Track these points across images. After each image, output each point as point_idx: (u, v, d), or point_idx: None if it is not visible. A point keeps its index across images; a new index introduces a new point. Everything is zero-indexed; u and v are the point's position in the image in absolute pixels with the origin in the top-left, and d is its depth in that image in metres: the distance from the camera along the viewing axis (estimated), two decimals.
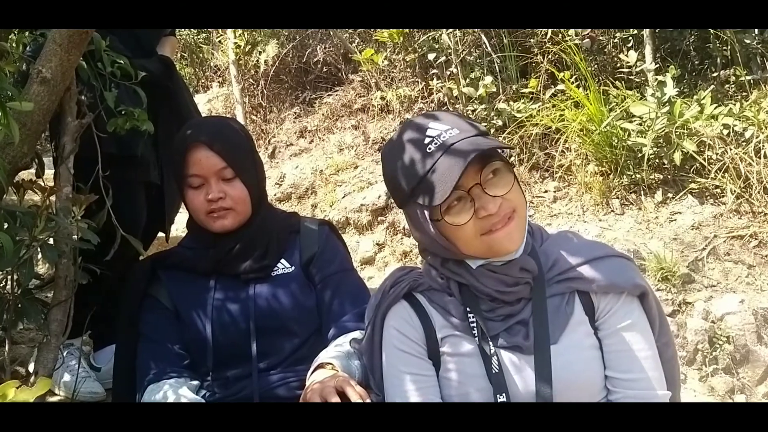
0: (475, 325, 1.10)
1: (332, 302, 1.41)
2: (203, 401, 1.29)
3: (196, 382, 1.35)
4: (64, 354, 1.76)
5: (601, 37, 3.54)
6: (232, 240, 1.41)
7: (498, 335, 1.09)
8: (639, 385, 1.07)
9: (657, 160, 2.99)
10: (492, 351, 1.08)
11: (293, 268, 1.44)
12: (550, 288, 1.12)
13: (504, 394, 1.05)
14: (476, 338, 1.10)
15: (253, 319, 1.36)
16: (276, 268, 1.42)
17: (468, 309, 1.11)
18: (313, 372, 1.22)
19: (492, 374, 1.07)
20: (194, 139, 1.41)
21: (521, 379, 1.08)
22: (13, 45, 1.52)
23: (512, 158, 3.31)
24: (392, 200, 3.70)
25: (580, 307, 1.11)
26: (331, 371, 1.19)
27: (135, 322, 1.41)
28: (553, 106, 3.34)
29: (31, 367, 1.44)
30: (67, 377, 1.82)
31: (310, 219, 1.58)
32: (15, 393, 0.75)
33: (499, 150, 1.11)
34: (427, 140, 1.06)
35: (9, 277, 1.29)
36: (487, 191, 1.05)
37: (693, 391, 2.29)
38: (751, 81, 3.11)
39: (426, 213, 1.08)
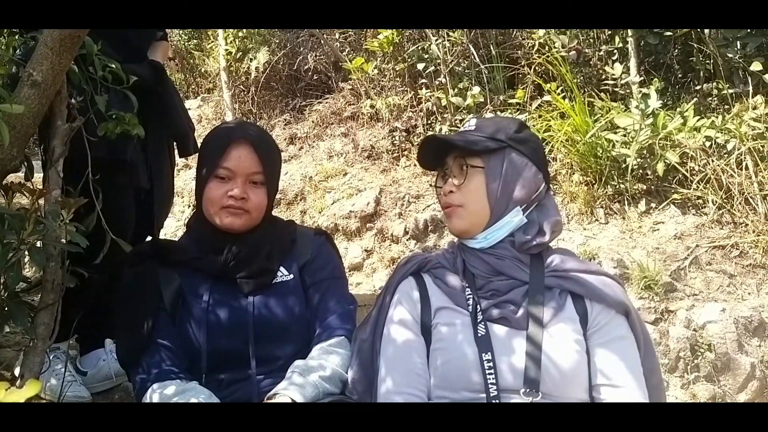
0: (471, 299, 1.21)
1: (320, 304, 1.45)
2: (218, 401, 1.29)
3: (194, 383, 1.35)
4: (51, 358, 1.75)
5: (586, 50, 3.59)
6: (239, 245, 1.43)
7: (489, 309, 1.19)
8: (633, 393, 1.12)
9: (641, 171, 3.04)
10: (480, 319, 1.18)
11: (291, 276, 1.46)
12: (545, 279, 1.20)
13: (489, 353, 1.13)
14: (470, 308, 1.20)
15: (252, 327, 1.37)
16: (275, 276, 1.45)
17: (465, 284, 1.24)
18: (268, 398, 1.24)
19: (477, 337, 1.16)
20: (242, 135, 1.44)
21: (507, 344, 1.15)
22: (4, 48, 1.52)
23: None
24: (381, 207, 3.73)
25: (572, 307, 1.19)
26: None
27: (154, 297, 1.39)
28: (540, 116, 3.38)
29: (17, 371, 1.43)
30: (53, 381, 1.80)
31: (307, 228, 1.62)
32: (4, 395, 0.74)
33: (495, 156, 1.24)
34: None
35: None
36: (451, 177, 1.27)
37: (675, 399, 2.32)
38: (734, 94, 3.16)
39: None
